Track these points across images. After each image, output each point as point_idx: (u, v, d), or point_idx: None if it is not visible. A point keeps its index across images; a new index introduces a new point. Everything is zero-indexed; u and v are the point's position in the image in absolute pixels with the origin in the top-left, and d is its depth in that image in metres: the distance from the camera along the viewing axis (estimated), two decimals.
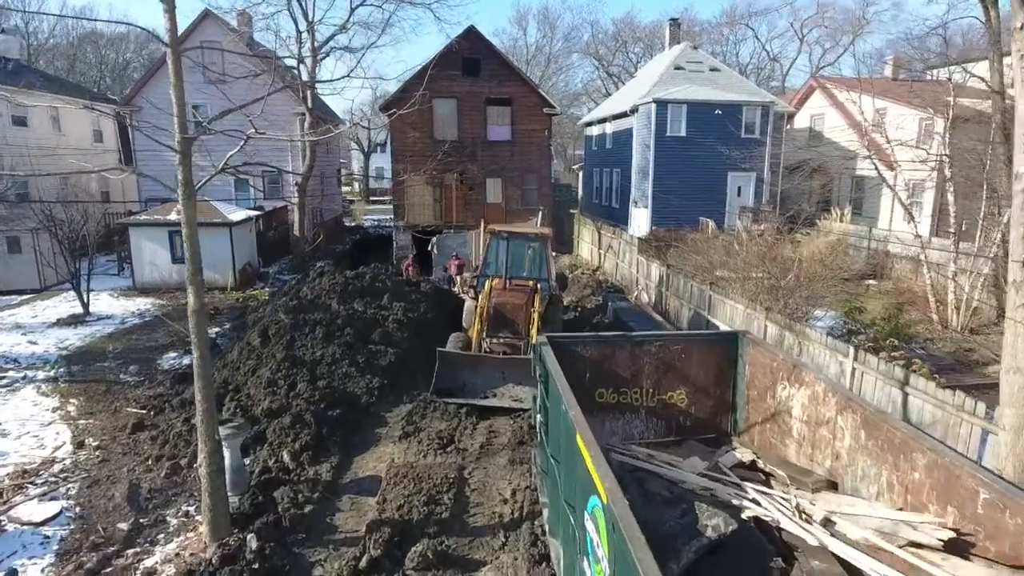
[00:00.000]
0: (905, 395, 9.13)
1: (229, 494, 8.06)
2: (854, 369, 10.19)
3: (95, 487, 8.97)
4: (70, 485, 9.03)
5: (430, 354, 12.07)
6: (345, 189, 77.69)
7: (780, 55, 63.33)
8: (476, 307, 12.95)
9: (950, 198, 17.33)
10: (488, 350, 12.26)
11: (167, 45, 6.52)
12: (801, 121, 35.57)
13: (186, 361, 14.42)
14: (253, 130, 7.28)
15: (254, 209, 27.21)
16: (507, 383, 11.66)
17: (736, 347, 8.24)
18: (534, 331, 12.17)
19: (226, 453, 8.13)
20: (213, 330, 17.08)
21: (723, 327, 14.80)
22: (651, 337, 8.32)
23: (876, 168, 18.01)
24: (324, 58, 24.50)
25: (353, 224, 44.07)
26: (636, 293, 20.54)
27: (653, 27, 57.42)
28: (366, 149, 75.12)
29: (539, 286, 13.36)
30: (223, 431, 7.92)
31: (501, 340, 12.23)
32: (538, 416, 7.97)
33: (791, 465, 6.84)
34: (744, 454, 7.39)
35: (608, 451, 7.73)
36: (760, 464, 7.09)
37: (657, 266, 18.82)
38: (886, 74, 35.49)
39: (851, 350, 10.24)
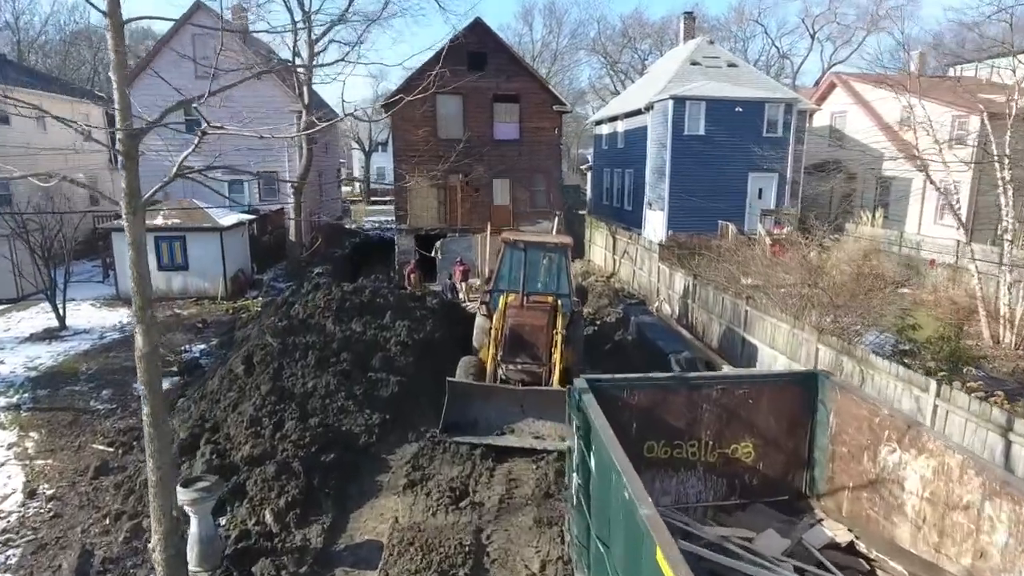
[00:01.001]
0: (1008, 443, 7.63)
1: (196, 570, 6.60)
2: (936, 407, 8.70)
3: (40, 554, 7.50)
4: (11, 552, 7.56)
5: (438, 378, 10.62)
6: (346, 190, 76.32)
7: (790, 52, 61.89)
8: (490, 327, 11.48)
9: (1003, 201, 15.86)
10: (504, 378, 10.78)
11: (104, 13, 5.04)
12: (820, 119, 34.06)
13: (165, 385, 12.96)
14: (206, 124, 5.79)
15: (248, 212, 25.75)
16: (527, 417, 10.18)
17: (814, 390, 6.77)
18: (557, 356, 10.69)
19: (193, 521, 6.66)
20: (198, 347, 15.65)
21: (762, 347, 13.31)
22: (711, 380, 6.85)
23: (925, 172, 16.45)
24: (322, 51, 23.06)
25: (353, 227, 42.56)
26: (657, 304, 19.05)
27: (662, 23, 55.95)
28: (367, 148, 73.65)
29: (559, 302, 11.89)
30: (189, 495, 6.46)
31: (519, 367, 10.75)
32: (574, 476, 6.51)
33: (906, 554, 5.35)
34: (837, 531, 5.90)
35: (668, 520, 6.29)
36: (861, 547, 5.61)
37: (682, 276, 17.33)
38: (911, 70, 33.96)
39: (932, 384, 8.74)
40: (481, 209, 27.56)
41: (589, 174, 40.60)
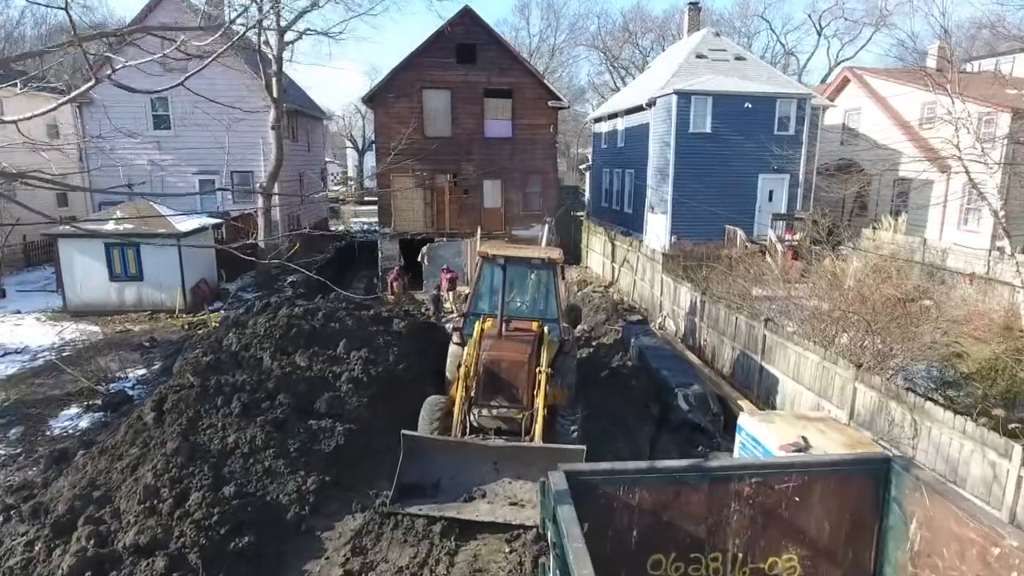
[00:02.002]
0: None
1: None
2: (1021, 479, 6.79)
3: None
4: None
5: (401, 421, 8.75)
6: (339, 189, 74.42)
7: (796, 49, 59.98)
8: (462, 359, 9.59)
9: None
10: (476, 424, 8.88)
11: None
12: (832, 117, 32.10)
13: (84, 423, 11.06)
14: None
15: (216, 215, 23.84)
16: (501, 477, 8.28)
17: (884, 482, 4.86)
18: (540, 399, 8.77)
19: None
20: (136, 372, 13.73)
21: (783, 379, 11.40)
22: (742, 470, 4.93)
23: (966, 172, 14.52)
24: (297, 40, 21.13)
25: (341, 229, 40.66)
26: (659, 320, 17.14)
27: (665, 17, 54.02)
28: (361, 147, 71.71)
29: (546, 329, 9.98)
30: None
31: (494, 411, 8.85)
32: None
33: None
34: None
35: None
36: None
37: (688, 290, 15.41)
38: (928, 64, 32.02)
39: (1017, 450, 6.82)
40: (471, 212, 25.69)
41: (588, 174, 38.66)
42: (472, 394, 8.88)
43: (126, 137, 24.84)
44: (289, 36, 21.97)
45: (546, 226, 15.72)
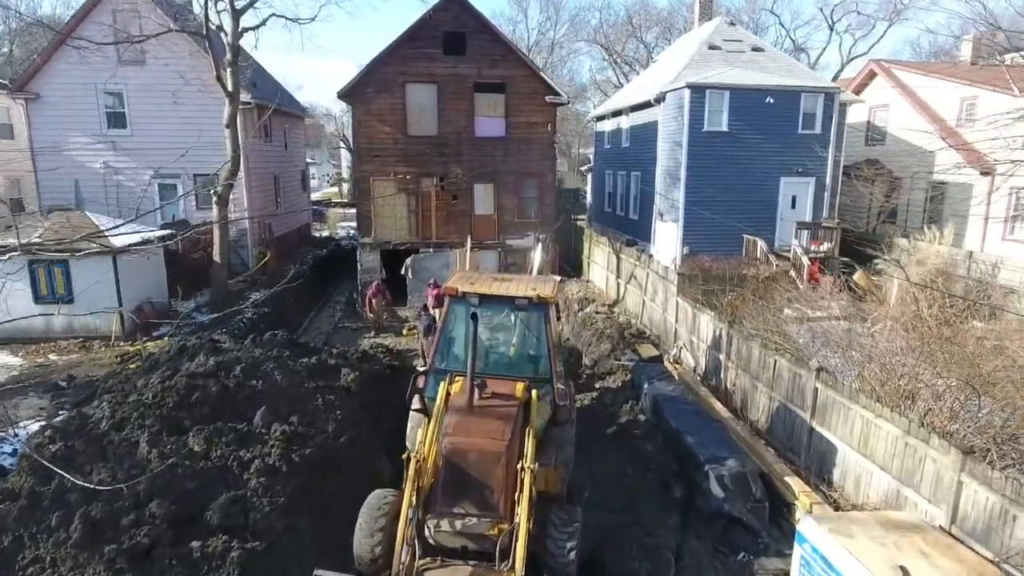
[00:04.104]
0: None
1: None
2: None
3: None
4: None
5: (341, 528, 6.21)
6: (332, 190, 71.78)
7: (806, 44, 57.35)
8: (426, 429, 7.04)
9: None
10: (432, 542, 6.30)
11: None
12: (856, 114, 29.44)
13: None
14: None
15: (172, 224, 21.30)
16: None
17: None
18: (523, 507, 6.19)
19: None
20: (32, 426, 11.12)
21: (845, 449, 8.81)
22: None
23: None
24: (259, 26, 18.51)
25: (326, 235, 38.09)
26: (674, 352, 14.57)
27: (670, 9, 51.42)
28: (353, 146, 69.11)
29: (534, 394, 7.41)
30: None
31: (457, 525, 6.26)
32: None
33: None
34: None
35: None
36: None
37: (711, 320, 12.82)
38: (962, 57, 29.43)
39: None
40: (460, 220, 23.17)
41: (590, 176, 36.06)
42: (427, 498, 6.31)
43: (77, 136, 22.52)
44: (251, 22, 19.43)
45: (539, 244, 13.08)
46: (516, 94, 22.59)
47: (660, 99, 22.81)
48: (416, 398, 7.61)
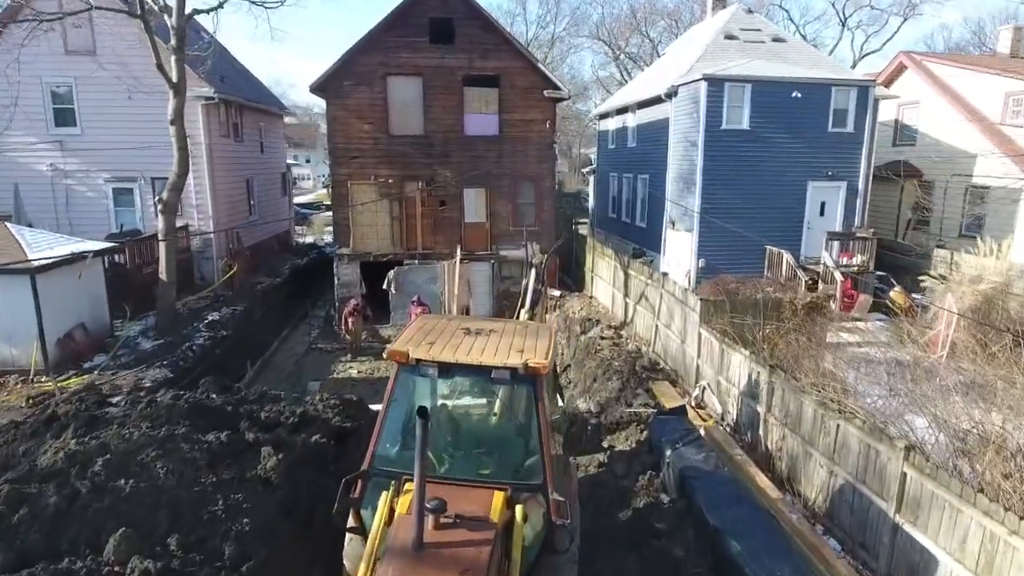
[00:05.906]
0: None
1: None
2: None
3: None
4: None
5: None
6: (323, 192, 69.30)
7: (817, 41, 54.87)
8: (360, 558, 4.63)
9: None
10: None
11: None
12: (884, 113, 26.99)
13: None
14: None
15: (121, 235, 18.89)
16: None
17: None
18: None
19: None
20: None
21: (948, 562, 6.39)
22: None
23: None
24: (216, 9, 16.03)
25: (310, 241, 35.66)
26: (696, 392, 12.13)
27: (677, 1, 49.01)
28: None
29: (521, 508, 5.00)
30: None
31: None
32: None
33: None
34: None
35: None
36: None
37: (745, 361, 10.39)
38: (1000, 51, 26.99)
39: None
40: (448, 228, 20.78)
41: (592, 178, 33.61)
42: None
43: (18, 136, 20.03)
44: (207, 3, 17.01)
45: (533, 271, 10.59)
46: (511, 88, 20.18)
47: (672, 94, 20.38)
48: (351, 515, 5.21)
